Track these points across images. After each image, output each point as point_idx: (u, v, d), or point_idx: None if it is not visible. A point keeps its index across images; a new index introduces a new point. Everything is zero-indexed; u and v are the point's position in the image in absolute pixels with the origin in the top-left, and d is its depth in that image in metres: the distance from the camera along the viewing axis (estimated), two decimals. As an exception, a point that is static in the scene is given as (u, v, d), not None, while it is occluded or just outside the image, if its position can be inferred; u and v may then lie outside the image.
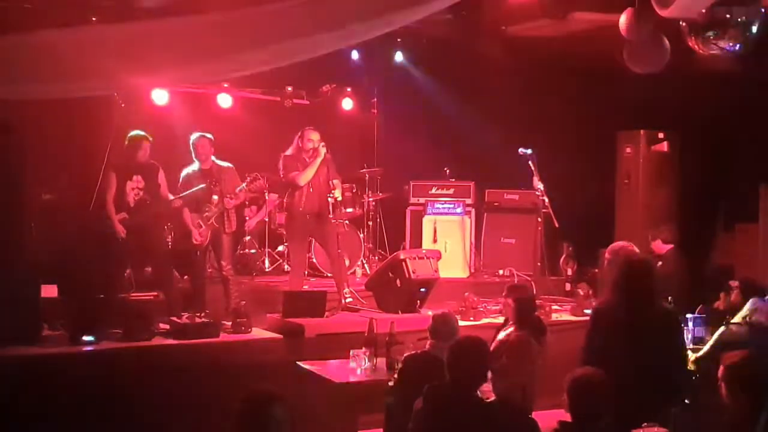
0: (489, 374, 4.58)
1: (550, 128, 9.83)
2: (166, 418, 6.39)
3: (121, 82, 6.26)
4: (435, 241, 10.17)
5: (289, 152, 8.47)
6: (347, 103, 11.19)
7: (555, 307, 8.38)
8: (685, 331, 6.13)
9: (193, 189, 8.10)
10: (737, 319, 6.18)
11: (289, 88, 10.67)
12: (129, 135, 8.08)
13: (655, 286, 5.41)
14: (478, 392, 4.47)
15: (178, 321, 7.21)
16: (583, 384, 3.94)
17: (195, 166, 8.31)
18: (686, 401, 5.34)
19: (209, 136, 8.34)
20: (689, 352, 5.93)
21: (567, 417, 4.10)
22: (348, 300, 8.39)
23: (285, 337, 7.47)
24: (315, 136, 8.37)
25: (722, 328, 6.09)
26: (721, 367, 4.02)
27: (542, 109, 9.89)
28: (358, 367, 5.87)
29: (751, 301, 6.33)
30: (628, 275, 5.35)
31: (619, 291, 5.36)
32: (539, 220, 8.68)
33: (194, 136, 8.32)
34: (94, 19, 7.79)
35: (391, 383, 5.28)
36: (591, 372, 4.05)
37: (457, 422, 4.15)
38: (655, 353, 5.11)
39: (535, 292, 7.69)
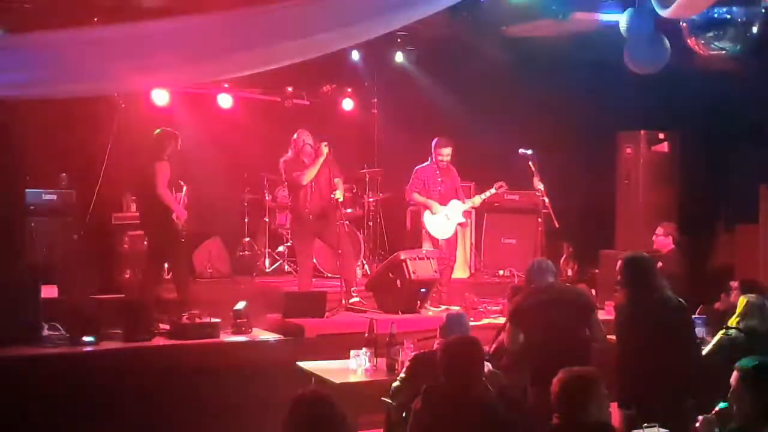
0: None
1: (550, 128, 9.82)
2: (166, 418, 6.39)
3: (121, 82, 6.26)
4: (435, 241, 10.17)
5: (287, 157, 8.49)
6: (347, 104, 11.19)
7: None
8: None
9: None
10: (734, 322, 6.15)
11: (290, 88, 10.67)
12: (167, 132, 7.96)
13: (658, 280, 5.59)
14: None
15: (178, 321, 7.21)
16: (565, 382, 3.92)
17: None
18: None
19: None
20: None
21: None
22: (355, 299, 8.39)
23: (285, 337, 7.48)
24: (309, 137, 8.41)
25: (720, 334, 6.08)
26: (735, 372, 4.00)
27: (542, 109, 9.88)
28: (358, 367, 5.87)
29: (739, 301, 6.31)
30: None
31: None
32: (539, 220, 8.67)
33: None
34: (95, 19, 7.79)
35: (396, 384, 5.25)
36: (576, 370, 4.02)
37: (455, 422, 4.14)
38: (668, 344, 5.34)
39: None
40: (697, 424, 4.19)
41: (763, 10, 6.79)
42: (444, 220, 8.91)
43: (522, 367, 5.59)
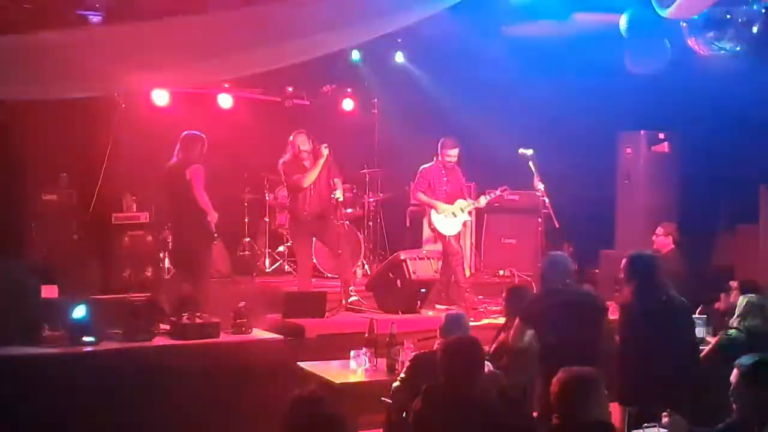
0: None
1: (550, 128, 9.82)
2: (166, 418, 6.38)
3: (121, 82, 6.27)
4: (435, 241, 10.17)
5: (286, 158, 8.48)
6: (348, 104, 11.18)
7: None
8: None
9: None
10: (735, 322, 6.15)
11: (290, 88, 10.66)
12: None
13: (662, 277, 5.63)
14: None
15: (178, 321, 7.20)
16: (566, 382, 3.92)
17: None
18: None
19: None
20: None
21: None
22: (354, 299, 8.39)
23: (285, 338, 7.47)
24: (305, 142, 8.40)
25: (721, 334, 6.08)
26: (735, 370, 4.01)
27: (542, 109, 9.88)
28: (358, 367, 5.87)
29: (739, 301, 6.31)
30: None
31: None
32: (540, 220, 8.67)
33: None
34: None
35: (396, 384, 5.25)
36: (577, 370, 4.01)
37: (455, 423, 4.14)
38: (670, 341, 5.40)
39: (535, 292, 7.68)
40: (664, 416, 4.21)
41: (763, 10, 6.79)
42: (451, 217, 8.92)
43: (522, 367, 5.59)
